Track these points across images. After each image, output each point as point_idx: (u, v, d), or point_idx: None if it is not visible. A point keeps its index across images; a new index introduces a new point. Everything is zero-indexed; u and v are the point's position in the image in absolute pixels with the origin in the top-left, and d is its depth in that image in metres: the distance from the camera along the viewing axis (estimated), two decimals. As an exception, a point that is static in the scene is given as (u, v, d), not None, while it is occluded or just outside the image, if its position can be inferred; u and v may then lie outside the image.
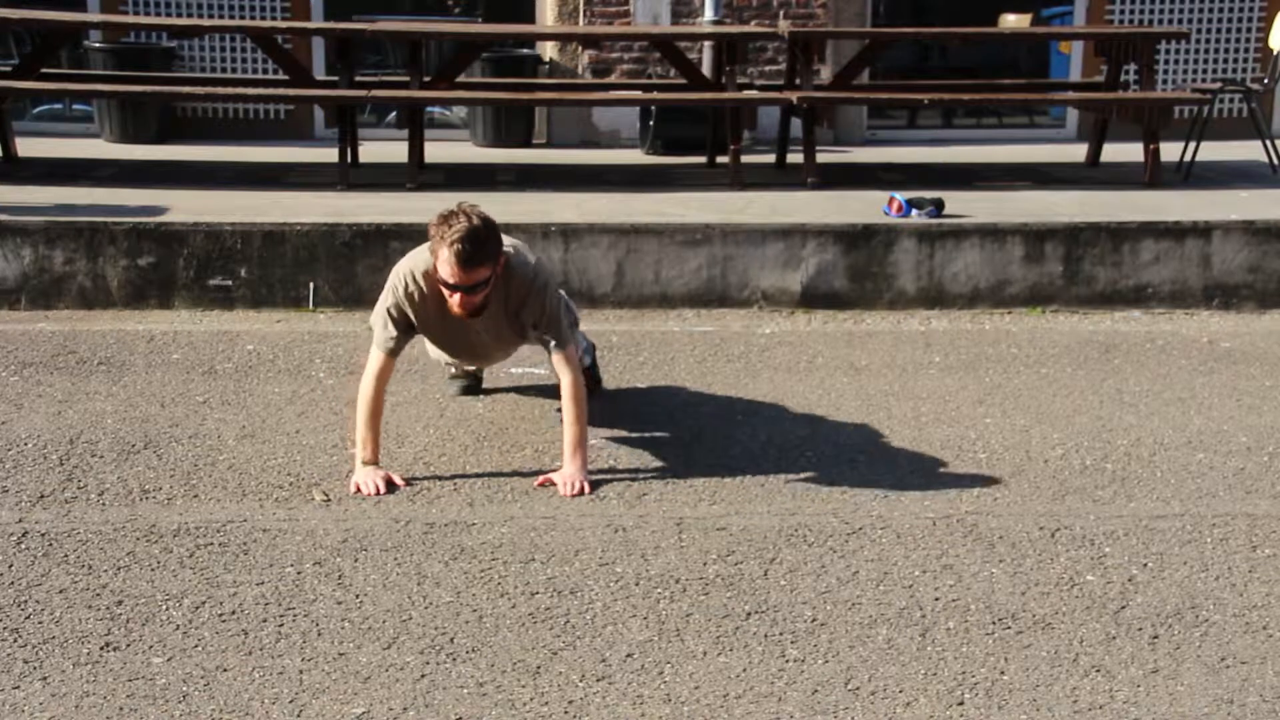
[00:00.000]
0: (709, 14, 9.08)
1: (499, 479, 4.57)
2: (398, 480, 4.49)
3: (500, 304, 4.51)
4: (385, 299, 4.52)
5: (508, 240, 4.51)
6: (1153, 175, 8.15)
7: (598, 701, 3.22)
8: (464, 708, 3.17)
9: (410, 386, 5.48)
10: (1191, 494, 4.54)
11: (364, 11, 9.67)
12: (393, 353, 4.53)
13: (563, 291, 5.26)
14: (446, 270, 4.27)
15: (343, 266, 6.77)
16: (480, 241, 4.24)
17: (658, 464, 4.74)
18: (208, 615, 3.59)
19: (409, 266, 4.51)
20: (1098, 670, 3.39)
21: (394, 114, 9.85)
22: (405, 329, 4.53)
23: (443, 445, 4.88)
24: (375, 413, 4.50)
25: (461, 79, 8.45)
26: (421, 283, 4.46)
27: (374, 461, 4.50)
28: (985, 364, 6.03)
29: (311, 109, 9.72)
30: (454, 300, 4.34)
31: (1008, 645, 3.50)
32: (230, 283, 6.74)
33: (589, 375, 5.24)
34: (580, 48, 9.82)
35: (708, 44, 8.94)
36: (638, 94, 9.37)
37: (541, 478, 4.53)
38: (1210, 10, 10.50)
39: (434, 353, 5.04)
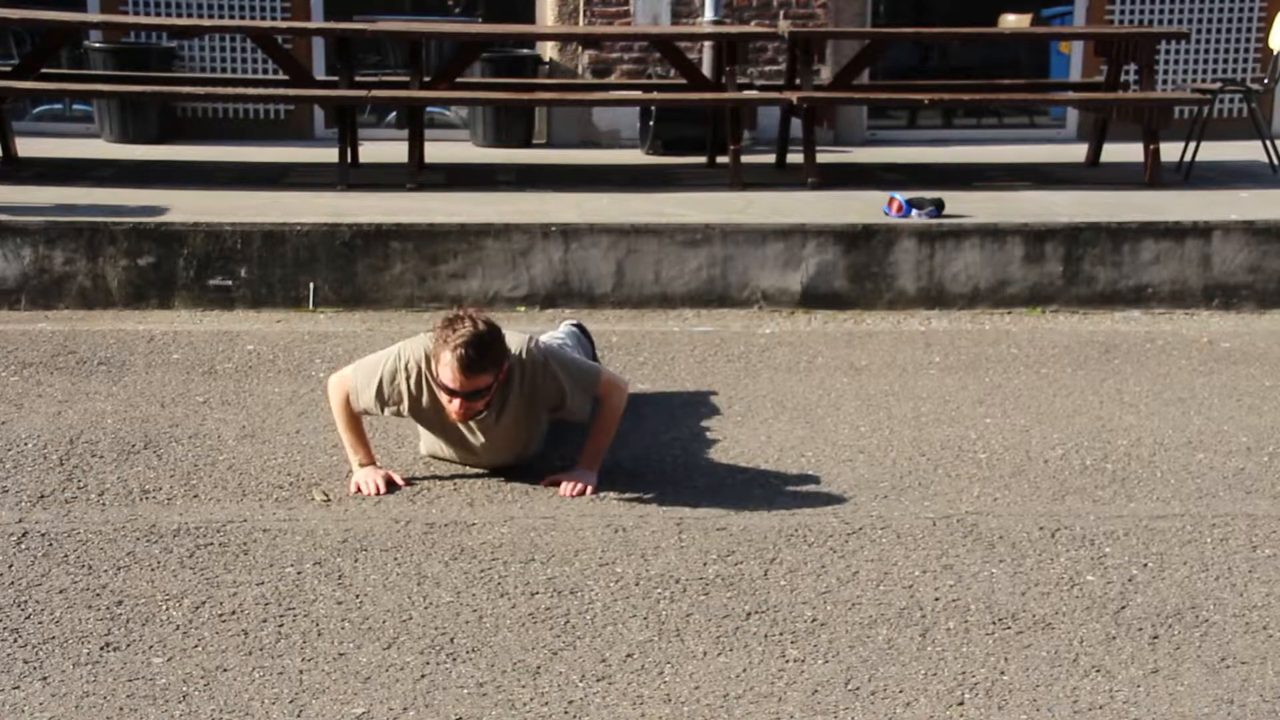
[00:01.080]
0: (709, 14, 9.08)
1: (499, 479, 4.57)
2: (398, 480, 4.49)
3: (510, 402, 4.38)
4: (384, 364, 4.37)
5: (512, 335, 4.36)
6: (1153, 175, 8.15)
7: (598, 701, 3.22)
8: (464, 708, 3.18)
9: (410, 386, 5.48)
10: (1191, 494, 4.54)
11: (364, 11, 9.67)
12: (361, 412, 4.43)
13: (563, 330, 5.23)
14: (447, 375, 4.13)
15: (343, 266, 6.77)
16: (484, 348, 4.11)
17: (658, 464, 4.74)
18: (208, 615, 3.59)
19: (417, 353, 4.35)
20: (1098, 670, 3.39)
21: (394, 114, 9.88)
22: (385, 405, 4.38)
23: (443, 445, 4.88)
24: (354, 424, 4.46)
25: (461, 79, 8.45)
26: (424, 373, 4.32)
27: (371, 463, 4.50)
28: (985, 364, 6.03)
29: (311, 109, 9.72)
30: (453, 406, 4.21)
31: (1008, 645, 3.50)
32: (230, 283, 6.74)
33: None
34: (580, 48, 9.82)
35: (708, 44, 8.94)
36: (638, 94, 9.37)
37: (548, 478, 4.52)
38: (1210, 10, 10.50)
39: (425, 449, 4.75)
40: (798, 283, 6.95)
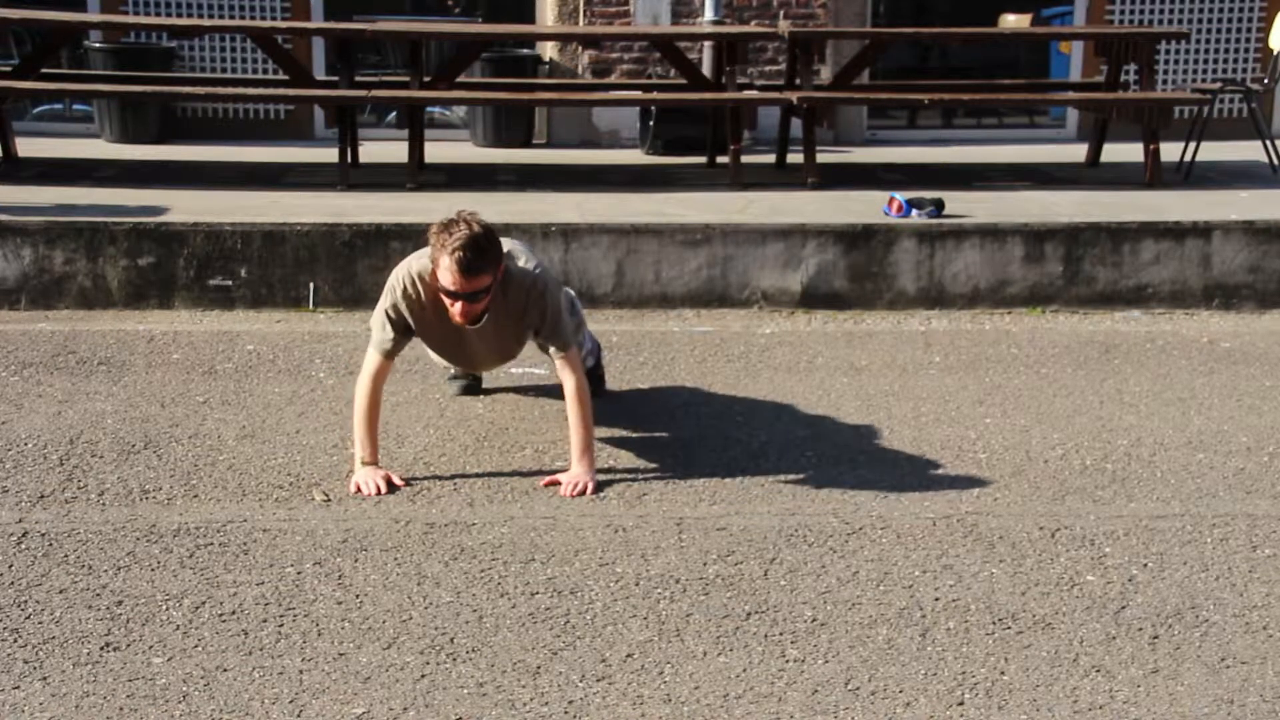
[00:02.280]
0: (709, 14, 9.08)
1: (499, 479, 4.57)
2: (397, 480, 4.49)
3: (500, 311, 4.49)
4: (384, 300, 4.52)
5: (508, 243, 4.51)
6: (1153, 175, 8.15)
7: (598, 701, 3.22)
8: (464, 708, 3.18)
9: (410, 386, 5.48)
10: (1191, 494, 4.54)
11: (364, 11, 9.67)
12: (389, 355, 4.52)
13: (569, 290, 5.25)
14: (448, 278, 4.25)
15: (343, 266, 6.77)
16: (481, 249, 4.23)
17: (658, 464, 4.74)
18: (208, 615, 3.59)
19: (409, 269, 4.50)
20: (1098, 670, 3.39)
21: (394, 114, 9.87)
22: (403, 331, 4.52)
23: (443, 445, 4.88)
24: (373, 414, 4.50)
25: (461, 79, 8.45)
26: (420, 286, 4.45)
27: (373, 462, 4.50)
28: (985, 364, 6.03)
29: (311, 109, 9.71)
30: (455, 309, 4.33)
31: (1008, 645, 3.50)
32: (230, 283, 6.74)
33: (592, 375, 5.23)
34: (580, 48, 9.82)
35: (708, 44, 8.94)
36: (638, 94, 9.37)
37: (547, 479, 4.53)
38: (1210, 10, 10.50)
39: (434, 354, 5.02)
40: (798, 283, 6.95)
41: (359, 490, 4.42)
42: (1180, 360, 6.15)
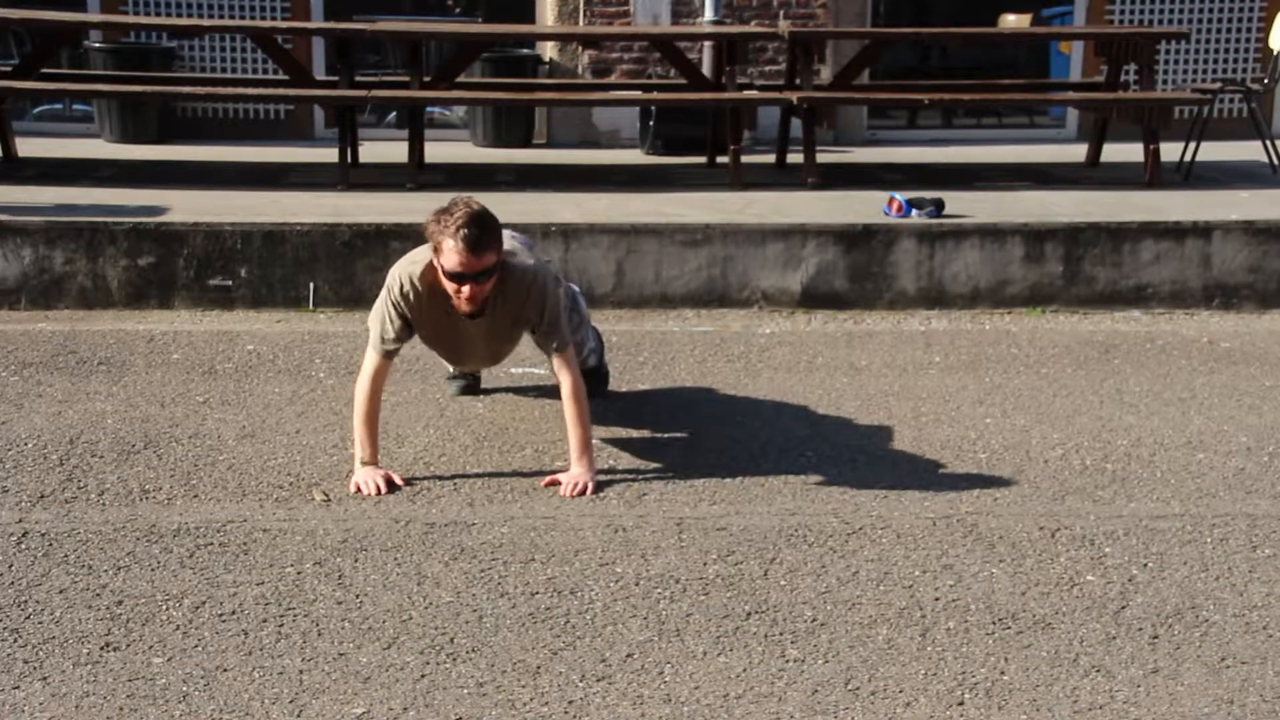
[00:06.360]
0: (709, 14, 9.08)
1: (499, 479, 4.57)
2: (397, 480, 4.48)
3: (498, 306, 4.48)
4: (383, 299, 4.50)
5: (508, 239, 4.50)
6: (1153, 175, 8.15)
7: (598, 701, 3.22)
8: (464, 708, 3.18)
9: (410, 386, 5.48)
10: (1191, 494, 4.54)
11: (364, 11, 9.67)
12: (389, 354, 4.51)
13: (573, 286, 5.23)
14: (454, 259, 4.21)
15: (343, 266, 6.77)
16: (485, 225, 4.23)
17: (658, 464, 4.74)
18: (208, 615, 3.59)
19: (406, 269, 4.48)
20: (1098, 670, 3.39)
21: (394, 114, 9.88)
22: (402, 330, 4.49)
23: (443, 445, 4.88)
24: (372, 414, 4.49)
25: (461, 79, 8.45)
26: (419, 284, 4.43)
27: (373, 462, 4.50)
28: (985, 364, 6.03)
29: (311, 109, 9.71)
30: (463, 293, 4.28)
31: (1008, 645, 3.50)
32: (230, 283, 6.74)
33: (596, 373, 5.24)
34: (580, 48, 9.82)
35: (708, 44, 8.94)
36: (638, 94, 9.37)
37: (547, 479, 4.52)
38: (1210, 10, 10.50)
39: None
40: (798, 283, 6.95)
41: (359, 490, 4.42)
42: (1180, 360, 6.15)
